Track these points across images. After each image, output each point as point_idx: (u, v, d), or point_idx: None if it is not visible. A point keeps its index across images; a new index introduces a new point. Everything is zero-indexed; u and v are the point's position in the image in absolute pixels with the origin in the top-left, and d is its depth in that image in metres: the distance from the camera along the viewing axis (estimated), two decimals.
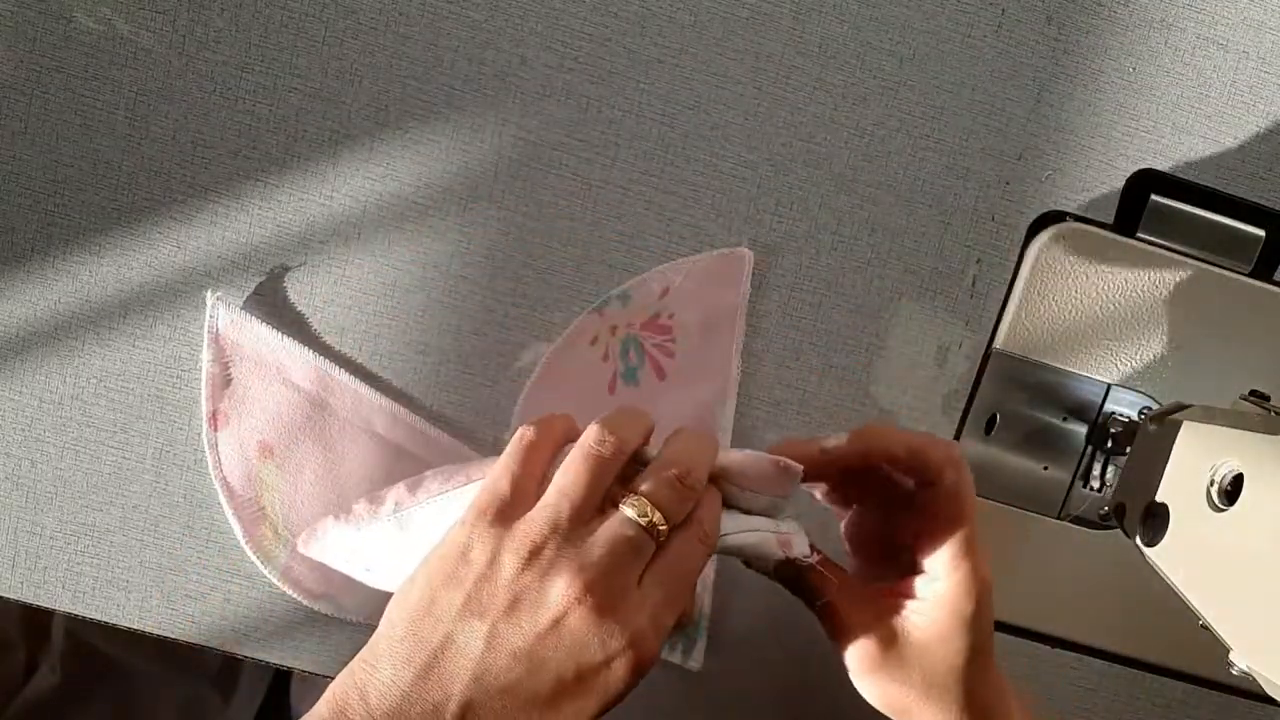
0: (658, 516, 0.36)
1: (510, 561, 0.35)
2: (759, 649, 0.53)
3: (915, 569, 0.41)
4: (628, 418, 0.39)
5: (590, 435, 0.37)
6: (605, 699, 0.35)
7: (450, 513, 0.40)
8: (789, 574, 0.41)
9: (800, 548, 0.41)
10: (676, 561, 0.37)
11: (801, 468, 0.40)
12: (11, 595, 0.52)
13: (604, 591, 0.34)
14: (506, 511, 0.36)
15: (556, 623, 0.34)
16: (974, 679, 0.40)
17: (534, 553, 0.35)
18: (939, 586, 0.40)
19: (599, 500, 0.37)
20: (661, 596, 0.36)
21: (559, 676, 0.34)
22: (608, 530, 0.36)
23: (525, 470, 0.37)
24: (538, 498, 0.37)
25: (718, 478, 0.39)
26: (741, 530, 0.40)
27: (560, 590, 0.34)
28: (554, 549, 0.35)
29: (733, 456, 0.40)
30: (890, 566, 0.43)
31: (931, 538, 0.40)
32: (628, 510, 0.36)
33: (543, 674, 0.34)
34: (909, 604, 0.41)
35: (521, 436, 0.38)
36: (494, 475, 0.37)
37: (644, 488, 0.36)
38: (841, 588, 0.41)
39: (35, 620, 0.93)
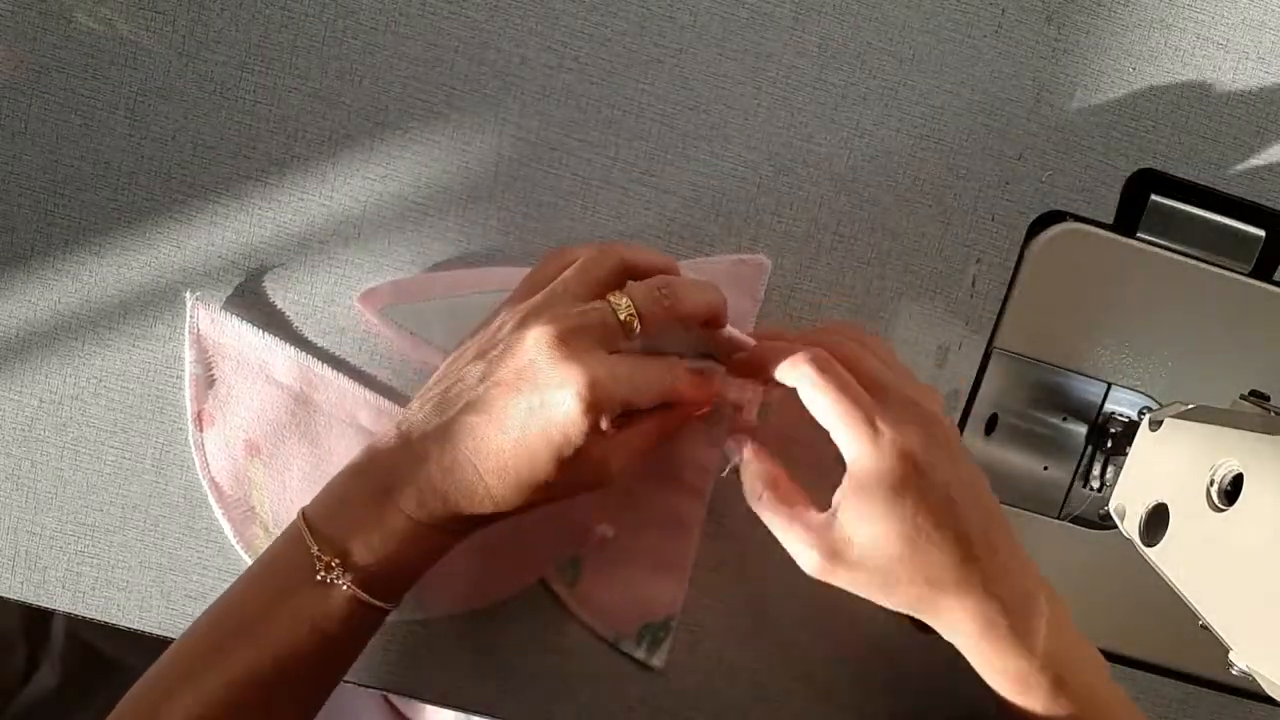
0: (631, 312, 0.42)
1: (509, 321, 0.43)
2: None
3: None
4: (632, 247, 0.46)
5: (594, 246, 0.45)
6: (567, 430, 0.40)
7: None
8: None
9: (731, 456, 0.47)
10: (641, 357, 0.43)
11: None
12: (11, 595, 0.52)
13: (569, 341, 0.40)
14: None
15: (531, 361, 0.40)
16: (933, 578, 0.43)
17: (527, 314, 0.42)
18: (849, 463, 0.43)
19: (591, 292, 0.43)
20: (624, 371, 0.41)
21: (529, 405, 0.40)
22: (587, 307, 0.42)
23: (542, 274, 0.45)
24: None
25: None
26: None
27: (534, 335, 0.41)
28: (542, 310, 0.42)
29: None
30: None
31: (824, 429, 0.43)
32: (609, 298, 0.43)
33: (518, 400, 0.41)
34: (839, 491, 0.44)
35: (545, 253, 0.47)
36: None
37: (628, 289, 0.43)
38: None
39: (35, 620, 0.93)
